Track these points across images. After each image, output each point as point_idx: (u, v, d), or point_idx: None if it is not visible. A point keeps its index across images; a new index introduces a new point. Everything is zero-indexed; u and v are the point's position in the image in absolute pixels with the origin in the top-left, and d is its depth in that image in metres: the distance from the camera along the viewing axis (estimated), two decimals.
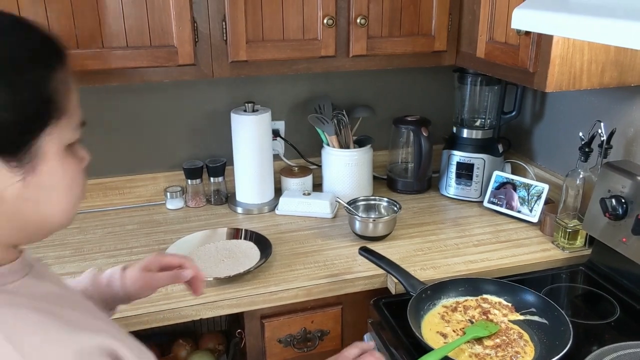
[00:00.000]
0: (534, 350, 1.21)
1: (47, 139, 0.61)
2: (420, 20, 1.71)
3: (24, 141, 0.59)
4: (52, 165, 0.62)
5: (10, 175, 0.59)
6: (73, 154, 0.66)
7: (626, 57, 1.38)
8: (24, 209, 0.62)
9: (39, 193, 0.62)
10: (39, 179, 0.61)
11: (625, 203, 1.40)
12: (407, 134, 2.06)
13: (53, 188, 0.63)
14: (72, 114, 0.65)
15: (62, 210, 0.66)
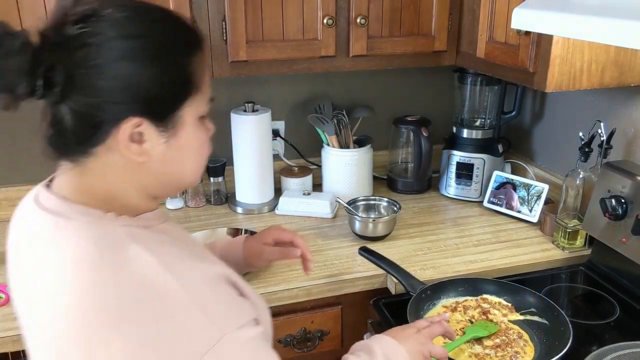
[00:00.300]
0: (534, 350, 1.21)
1: (186, 110, 0.74)
2: (420, 20, 1.71)
3: (170, 111, 0.73)
4: (188, 131, 0.75)
5: (158, 137, 0.73)
6: (203, 124, 0.79)
7: (626, 57, 1.38)
8: (165, 166, 0.76)
9: (177, 153, 0.76)
10: (178, 142, 0.75)
11: (625, 203, 1.40)
12: (407, 134, 2.06)
13: (188, 150, 0.77)
14: (205, 91, 0.77)
15: (193, 169, 0.80)
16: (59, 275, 0.70)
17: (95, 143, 0.72)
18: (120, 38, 0.68)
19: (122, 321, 0.65)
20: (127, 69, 0.69)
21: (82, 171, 0.75)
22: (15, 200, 1.87)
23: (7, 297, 1.38)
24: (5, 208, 1.85)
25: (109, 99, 0.69)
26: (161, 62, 0.71)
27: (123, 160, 0.73)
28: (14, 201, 1.84)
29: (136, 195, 0.77)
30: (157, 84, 0.71)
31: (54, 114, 0.71)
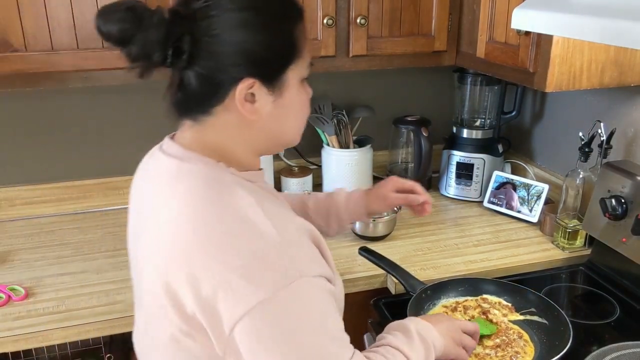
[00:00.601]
0: (534, 350, 1.21)
1: (290, 73, 0.83)
2: (420, 20, 1.71)
3: (277, 73, 0.82)
4: (292, 92, 0.84)
5: (267, 97, 0.82)
6: (304, 86, 0.88)
7: (626, 57, 1.38)
8: (271, 123, 0.85)
9: (282, 112, 0.84)
10: (283, 101, 0.84)
11: (625, 203, 1.40)
12: (407, 134, 2.06)
13: (291, 109, 0.86)
14: (306, 56, 0.86)
15: (295, 127, 0.89)
16: (172, 208, 0.81)
17: (214, 103, 0.82)
18: (237, 10, 0.78)
19: (221, 250, 0.75)
20: (242, 36, 0.78)
21: (200, 128, 0.85)
22: (15, 200, 1.89)
23: (7, 297, 1.38)
24: (6, 208, 1.85)
25: (227, 63, 0.79)
26: (271, 30, 0.81)
27: (237, 119, 0.83)
28: (14, 201, 1.85)
29: (244, 152, 0.87)
30: (268, 49, 0.80)
31: (180, 78, 0.82)
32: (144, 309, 0.90)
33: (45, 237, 1.73)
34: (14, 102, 1.78)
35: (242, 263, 0.74)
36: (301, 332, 0.76)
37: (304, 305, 0.77)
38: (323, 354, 0.78)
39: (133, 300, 1.41)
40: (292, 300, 0.75)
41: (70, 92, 1.80)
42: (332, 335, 0.80)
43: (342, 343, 0.82)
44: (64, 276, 1.50)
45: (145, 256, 0.87)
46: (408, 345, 0.93)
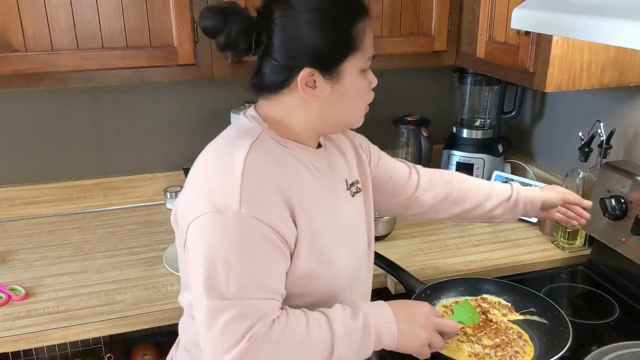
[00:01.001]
0: (534, 350, 1.21)
1: (347, 64, 0.96)
2: (420, 20, 1.71)
3: (335, 64, 0.95)
4: (348, 81, 0.97)
5: (325, 84, 0.96)
6: (364, 76, 1.00)
7: (626, 57, 1.38)
8: (328, 107, 0.98)
9: (338, 98, 0.98)
10: (340, 89, 0.97)
11: (625, 203, 1.40)
12: (407, 134, 2.05)
13: (347, 96, 0.99)
14: (366, 50, 0.97)
15: (351, 111, 1.02)
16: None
17: (282, 86, 0.97)
18: (303, 12, 0.93)
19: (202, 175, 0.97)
20: (307, 33, 0.93)
21: (270, 104, 1.00)
22: (14, 200, 1.89)
23: (7, 297, 1.38)
24: (6, 208, 1.85)
25: (292, 55, 0.94)
26: (330, 28, 0.94)
27: (300, 100, 0.97)
28: (14, 201, 1.85)
29: (301, 129, 1.01)
30: (326, 45, 0.94)
31: (259, 66, 0.97)
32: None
33: (45, 237, 1.73)
34: (14, 102, 1.78)
35: (206, 183, 0.94)
36: (228, 253, 0.88)
37: (240, 235, 0.88)
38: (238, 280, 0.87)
39: (131, 301, 1.41)
40: (230, 224, 0.88)
41: (70, 92, 1.80)
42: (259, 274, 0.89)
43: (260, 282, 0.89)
44: (64, 276, 1.50)
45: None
46: (343, 324, 0.93)
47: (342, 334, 0.92)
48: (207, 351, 0.88)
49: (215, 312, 0.87)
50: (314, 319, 0.92)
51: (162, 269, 1.52)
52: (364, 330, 0.94)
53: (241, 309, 0.87)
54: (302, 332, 0.90)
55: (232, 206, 0.88)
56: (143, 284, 1.46)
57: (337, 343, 0.91)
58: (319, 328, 0.92)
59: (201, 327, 0.88)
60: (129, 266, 1.55)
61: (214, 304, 0.87)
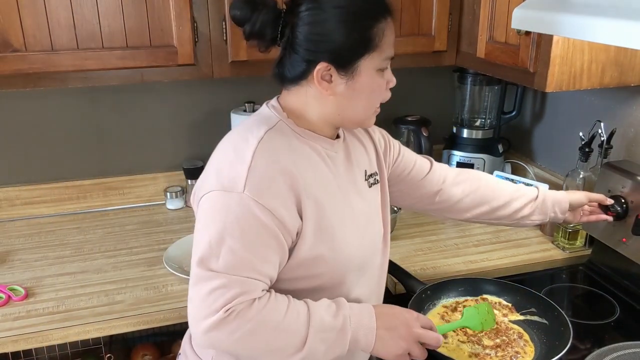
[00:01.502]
0: (534, 350, 1.21)
1: (363, 62, 0.98)
2: (420, 20, 1.71)
3: (351, 61, 0.98)
4: (363, 79, 1.00)
5: (340, 79, 0.99)
6: (381, 75, 1.02)
7: (626, 57, 1.38)
8: (342, 101, 1.02)
9: (353, 93, 1.01)
10: (355, 85, 1.00)
11: (625, 203, 1.40)
12: (408, 134, 2.05)
13: (361, 92, 1.02)
14: (383, 50, 1.00)
15: (363, 107, 1.05)
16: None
17: (301, 77, 1.01)
18: (330, 7, 0.96)
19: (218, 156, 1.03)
20: (328, 29, 0.96)
21: (290, 94, 1.05)
22: (14, 200, 1.89)
23: (7, 297, 1.38)
24: (6, 208, 1.85)
25: (311, 49, 0.97)
26: (351, 26, 0.96)
27: (316, 92, 1.01)
28: (14, 201, 1.85)
29: (317, 119, 1.04)
30: (345, 42, 0.96)
31: (281, 56, 1.02)
32: None
33: (45, 237, 1.73)
34: (14, 102, 1.78)
35: (219, 164, 1.00)
36: (228, 230, 0.93)
37: (239, 214, 0.93)
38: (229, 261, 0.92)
39: (131, 301, 1.41)
40: (232, 203, 0.94)
41: (70, 92, 1.80)
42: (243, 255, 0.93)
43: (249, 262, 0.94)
44: (64, 276, 1.50)
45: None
46: (322, 319, 0.96)
47: (317, 328, 0.95)
48: (189, 314, 0.94)
49: (202, 280, 0.93)
50: (294, 308, 0.96)
51: (162, 269, 1.52)
52: (341, 331, 0.96)
53: (225, 282, 0.92)
54: (278, 318, 0.94)
55: (238, 187, 0.94)
56: (143, 284, 1.46)
57: (310, 336, 0.94)
58: (297, 317, 0.95)
59: (189, 290, 0.95)
60: (129, 266, 1.55)
61: (203, 274, 0.93)
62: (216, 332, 0.91)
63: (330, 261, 1.02)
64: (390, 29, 1.01)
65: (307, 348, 0.94)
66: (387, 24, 1.00)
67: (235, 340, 0.92)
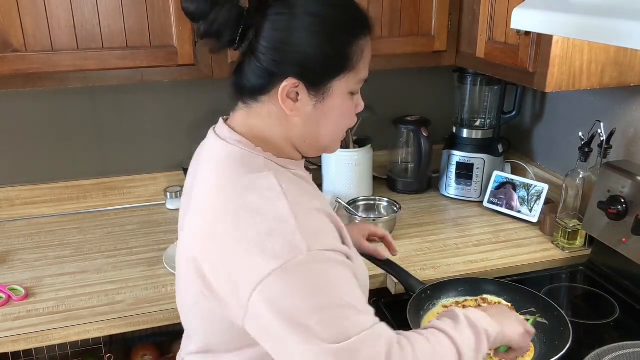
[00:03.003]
0: (534, 350, 1.21)
1: (337, 83, 0.87)
2: (420, 21, 1.71)
3: (322, 80, 0.86)
4: (335, 101, 0.89)
5: (309, 100, 0.87)
6: (351, 99, 0.91)
7: (626, 57, 1.38)
8: (307, 124, 0.90)
9: (320, 116, 0.89)
10: (324, 108, 0.88)
11: (625, 203, 1.40)
12: (407, 134, 2.06)
13: (329, 117, 0.90)
14: (359, 72, 0.89)
15: (329, 133, 0.93)
16: (208, 183, 0.90)
17: (262, 92, 0.88)
18: (305, 14, 0.84)
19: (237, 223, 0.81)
20: (300, 39, 0.84)
21: (248, 112, 0.92)
22: (14, 200, 1.89)
23: (7, 297, 1.38)
24: (6, 208, 1.85)
25: (278, 60, 0.85)
26: (325, 39, 0.85)
27: (278, 111, 0.89)
28: (14, 201, 1.85)
29: (282, 141, 0.92)
30: (317, 57, 0.85)
31: (240, 63, 0.90)
32: (180, 276, 0.98)
33: (45, 237, 1.73)
34: (14, 102, 1.78)
35: (256, 237, 0.79)
36: (313, 299, 0.78)
37: (316, 274, 0.79)
38: (337, 318, 0.78)
39: (131, 301, 1.41)
40: (304, 269, 0.78)
41: (70, 92, 1.80)
42: (347, 302, 0.81)
43: (360, 311, 0.82)
44: (64, 276, 1.50)
45: (185, 227, 0.94)
46: (454, 328, 0.90)
47: (457, 336, 0.88)
48: None
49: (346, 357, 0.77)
50: (426, 333, 0.89)
51: (162, 269, 1.52)
52: (471, 327, 0.91)
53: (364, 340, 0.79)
54: (427, 345, 0.86)
55: (301, 250, 0.78)
56: (143, 284, 1.46)
57: (459, 345, 0.87)
58: (437, 337, 0.88)
59: None
60: (129, 266, 1.55)
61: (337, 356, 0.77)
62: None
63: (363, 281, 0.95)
64: (369, 48, 0.90)
65: (465, 355, 0.87)
66: (366, 42, 0.89)
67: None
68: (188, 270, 0.90)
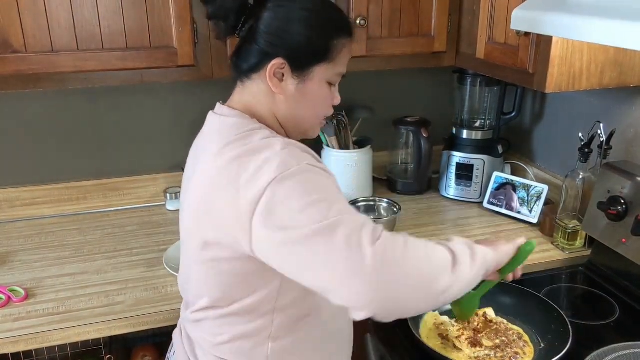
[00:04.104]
0: (534, 351, 1.21)
1: (317, 69, 1.01)
2: (420, 21, 1.71)
3: (306, 65, 1.00)
4: (314, 85, 1.02)
5: (292, 80, 1.01)
6: (329, 88, 1.05)
7: (625, 57, 1.38)
8: (291, 104, 1.03)
9: (301, 98, 1.02)
10: (305, 89, 1.02)
11: (625, 204, 1.40)
12: (407, 135, 2.06)
13: (309, 99, 1.03)
14: (337, 65, 1.03)
15: (309, 116, 1.06)
16: (211, 149, 0.99)
17: (255, 70, 1.02)
18: (299, 8, 0.99)
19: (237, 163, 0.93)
20: (292, 27, 0.99)
21: (243, 90, 1.05)
22: (15, 202, 1.89)
23: (7, 298, 1.38)
24: (6, 209, 1.85)
25: (273, 42, 0.99)
26: (316, 32, 0.99)
27: (266, 89, 1.02)
28: (14, 202, 1.85)
29: (270, 117, 1.04)
30: (305, 44, 0.99)
31: (239, 46, 1.03)
32: (184, 243, 1.08)
33: (45, 238, 1.73)
34: (14, 103, 1.78)
35: (256, 167, 0.90)
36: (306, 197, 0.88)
37: (306, 178, 0.90)
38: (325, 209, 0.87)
39: (131, 302, 1.41)
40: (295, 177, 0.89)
41: (70, 93, 1.80)
42: (335, 199, 0.90)
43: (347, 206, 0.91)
44: (64, 277, 1.50)
45: (190, 191, 1.04)
46: (450, 242, 0.96)
47: (451, 245, 0.94)
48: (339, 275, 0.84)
49: (329, 236, 0.84)
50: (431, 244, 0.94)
51: (162, 270, 1.52)
52: (466, 244, 0.97)
53: (352, 220, 0.87)
54: (421, 242, 0.92)
55: (293, 164, 0.90)
56: (143, 285, 1.46)
57: (454, 247, 0.93)
58: (431, 243, 0.93)
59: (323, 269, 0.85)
60: (129, 267, 1.55)
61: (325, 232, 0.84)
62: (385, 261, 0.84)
63: None
64: (348, 48, 1.04)
65: (458, 253, 0.92)
66: (347, 42, 1.03)
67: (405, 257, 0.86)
68: (198, 237, 0.99)
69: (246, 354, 1.03)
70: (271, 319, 1.00)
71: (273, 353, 1.02)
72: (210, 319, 1.04)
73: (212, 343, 1.06)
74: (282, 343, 1.02)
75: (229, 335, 1.03)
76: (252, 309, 1.00)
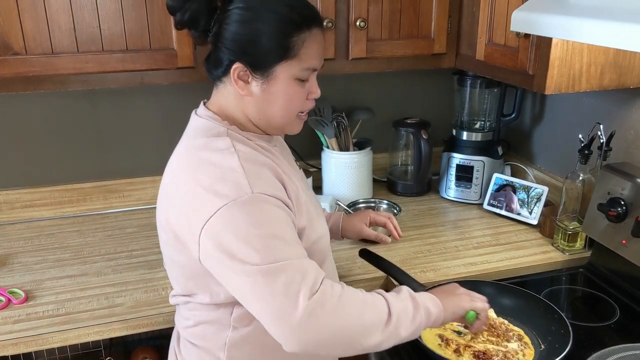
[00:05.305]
0: (534, 353, 1.20)
1: (279, 68, 1.01)
2: (419, 23, 1.71)
3: (266, 65, 1.01)
4: (280, 85, 1.02)
5: (255, 82, 1.02)
6: (299, 84, 1.04)
7: (625, 59, 1.38)
8: (259, 104, 1.04)
9: (269, 98, 1.03)
10: (270, 89, 1.03)
11: (625, 205, 1.40)
12: (407, 137, 2.06)
13: (277, 98, 1.03)
14: (303, 60, 1.01)
15: (280, 114, 1.06)
16: (176, 150, 1.09)
17: (223, 74, 1.05)
18: (244, 8, 0.99)
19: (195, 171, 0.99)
20: (241, 30, 1.00)
21: (217, 92, 1.09)
22: (14, 203, 1.89)
23: (7, 300, 1.38)
24: (6, 211, 1.85)
25: (229, 47, 1.01)
26: (270, 31, 0.99)
27: (235, 91, 1.04)
28: (14, 204, 1.85)
29: (241, 117, 1.07)
30: (257, 44, 1.00)
31: (210, 52, 1.06)
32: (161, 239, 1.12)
33: (45, 240, 1.73)
34: (14, 105, 1.78)
35: (210, 182, 0.96)
36: (253, 229, 0.93)
37: (257, 210, 0.95)
38: (270, 246, 0.93)
39: (131, 304, 1.41)
40: (246, 206, 0.94)
41: (70, 95, 1.80)
42: (281, 235, 0.95)
43: (291, 244, 0.96)
44: (64, 279, 1.50)
45: (161, 188, 1.09)
46: (394, 297, 1.03)
47: (393, 301, 1.00)
48: (271, 318, 0.93)
49: (268, 280, 0.91)
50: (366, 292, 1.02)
51: (162, 272, 1.52)
52: (412, 299, 1.03)
53: (292, 269, 0.93)
54: (357, 293, 0.99)
55: (246, 191, 0.94)
56: (143, 286, 1.46)
57: (391, 304, 0.99)
58: (374, 296, 1.00)
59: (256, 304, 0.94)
60: (129, 269, 1.55)
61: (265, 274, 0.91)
62: (313, 317, 0.91)
63: (310, 238, 1.06)
64: (313, 40, 1.02)
65: (394, 316, 0.98)
66: (310, 35, 1.01)
67: (334, 315, 0.93)
68: (164, 231, 1.06)
69: (208, 339, 1.10)
70: (230, 311, 1.06)
71: (231, 341, 1.08)
72: (181, 304, 1.13)
73: (183, 326, 1.15)
74: (241, 333, 1.08)
75: (193, 321, 1.11)
76: (212, 301, 1.06)
